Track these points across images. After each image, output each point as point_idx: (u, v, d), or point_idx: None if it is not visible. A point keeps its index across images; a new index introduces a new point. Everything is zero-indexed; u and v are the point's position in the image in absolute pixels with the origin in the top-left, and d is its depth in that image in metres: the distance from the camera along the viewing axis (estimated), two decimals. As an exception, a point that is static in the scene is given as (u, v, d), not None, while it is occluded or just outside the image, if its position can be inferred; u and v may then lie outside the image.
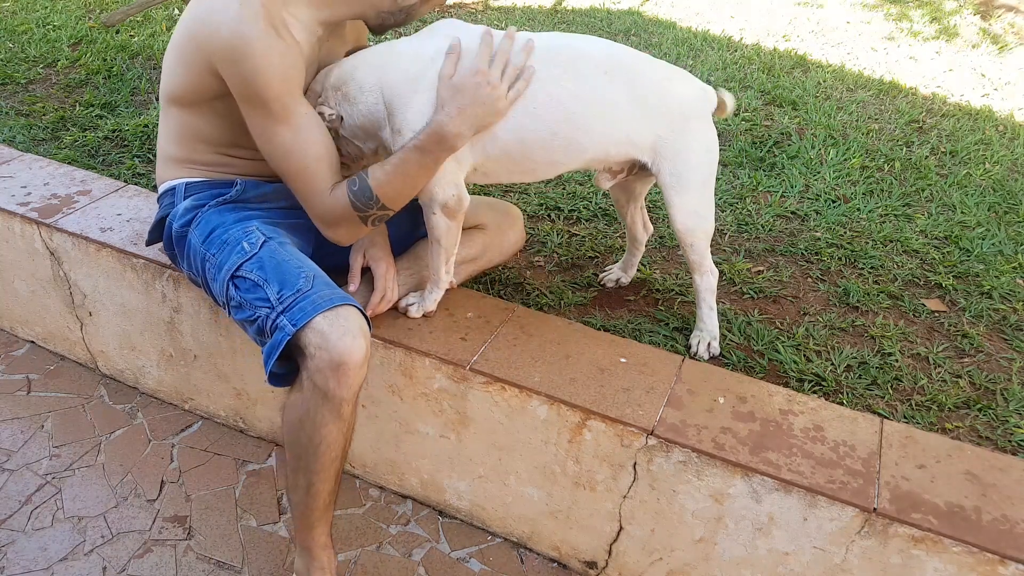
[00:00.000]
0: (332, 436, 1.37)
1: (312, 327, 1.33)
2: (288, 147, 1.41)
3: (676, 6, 4.70)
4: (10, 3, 3.92)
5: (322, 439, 1.36)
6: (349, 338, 1.32)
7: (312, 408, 1.35)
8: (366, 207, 1.45)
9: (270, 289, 1.41)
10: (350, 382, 1.33)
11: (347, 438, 1.41)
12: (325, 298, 1.36)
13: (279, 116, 1.39)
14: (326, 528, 1.48)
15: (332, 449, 1.38)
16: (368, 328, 1.38)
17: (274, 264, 1.44)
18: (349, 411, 1.37)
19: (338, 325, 1.33)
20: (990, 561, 1.25)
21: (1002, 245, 2.32)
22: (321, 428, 1.35)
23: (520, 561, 1.69)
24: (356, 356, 1.32)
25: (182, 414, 2.02)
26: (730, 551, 1.47)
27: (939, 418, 1.66)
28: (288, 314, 1.36)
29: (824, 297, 2.04)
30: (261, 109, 1.38)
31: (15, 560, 1.61)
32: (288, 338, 1.35)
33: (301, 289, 1.38)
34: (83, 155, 2.51)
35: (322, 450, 1.37)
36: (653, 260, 2.14)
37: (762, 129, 2.95)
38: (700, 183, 1.60)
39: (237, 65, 1.35)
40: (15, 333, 2.23)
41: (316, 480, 1.40)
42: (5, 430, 1.92)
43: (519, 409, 1.54)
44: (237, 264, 1.46)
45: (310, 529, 1.46)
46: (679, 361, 1.61)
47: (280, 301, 1.39)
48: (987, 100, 3.54)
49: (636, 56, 1.56)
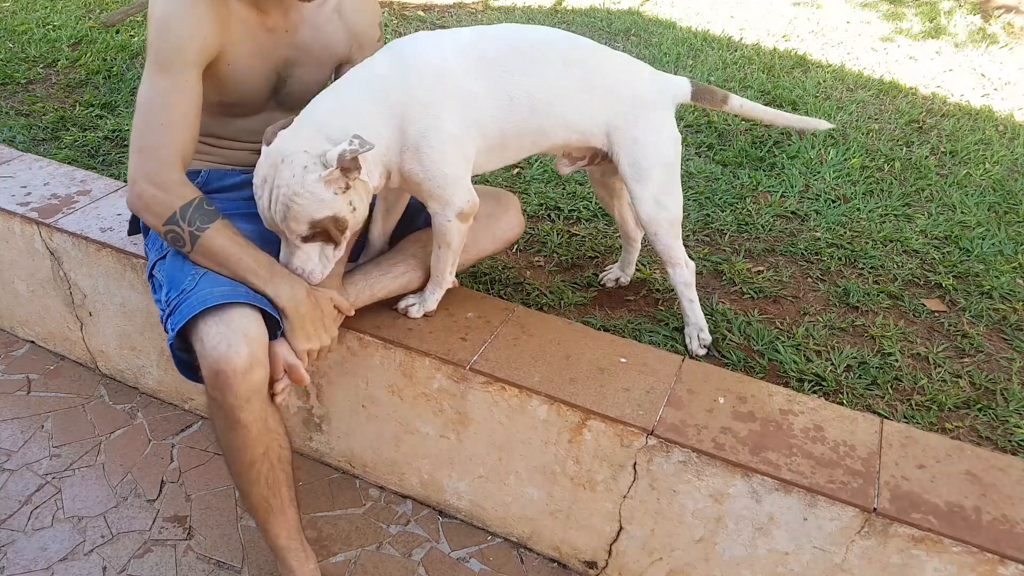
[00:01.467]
0: (237, 442, 1.33)
1: (196, 332, 1.30)
2: (160, 97, 1.36)
3: (676, 6, 4.70)
4: (10, 3, 3.91)
5: (228, 445, 1.35)
6: (224, 346, 1.26)
7: (212, 415, 1.34)
8: (189, 222, 1.35)
9: (162, 291, 1.41)
10: (235, 389, 1.27)
11: (262, 441, 1.35)
12: (204, 298, 1.31)
13: (163, 64, 1.36)
14: (281, 529, 1.46)
15: (244, 454, 1.35)
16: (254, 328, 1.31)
17: (176, 264, 1.41)
18: (251, 416, 1.31)
19: (215, 331, 1.28)
20: (990, 561, 1.25)
21: (1002, 245, 2.32)
22: (224, 435, 1.34)
23: (520, 561, 1.69)
24: (234, 363, 1.26)
25: (182, 414, 2.02)
26: (730, 551, 1.47)
27: (939, 418, 1.66)
28: (172, 317, 1.34)
29: (824, 297, 2.04)
30: (154, 54, 1.37)
31: (15, 560, 1.61)
32: (172, 343, 1.34)
33: (185, 289, 1.34)
34: (83, 155, 2.51)
35: (232, 457, 1.36)
36: (653, 260, 2.14)
37: (762, 129, 2.95)
38: (660, 172, 1.62)
39: (153, 12, 1.37)
40: (15, 333, 2.23)
41: (241, 483, 1.40)
42: (5, 430, 1.92)
43: (519, 409, 1.54)
44: (152, 263, 1.47)
45: (263, 530, 1.47)
46: (679, 361, 1.61)
47: (168, 303, 1.37)
48: (987, 100, 3.54)
49: (595, 48, 1.60)
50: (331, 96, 1.42)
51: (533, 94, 1.52)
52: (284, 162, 1.32)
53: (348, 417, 1.78)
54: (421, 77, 1.41)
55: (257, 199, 1.35)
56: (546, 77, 1.53)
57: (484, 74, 1.47)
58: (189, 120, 1.39)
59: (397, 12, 4.17)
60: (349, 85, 1.44)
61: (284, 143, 1.34)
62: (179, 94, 1.37)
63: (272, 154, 1.34)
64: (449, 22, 4.08)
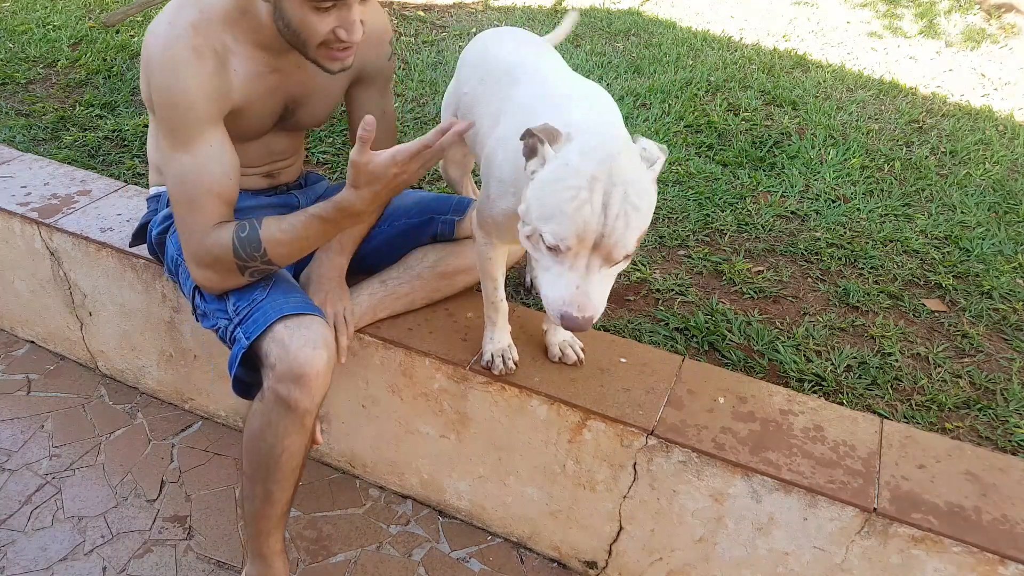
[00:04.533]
0: (295, 446, 1.35)
1: (272, 336, 1.31)
2: (183, 174, 1.33)
3: (676, 6, 4.70)
4: (10, 3, 3.91)
5: (284, 449, 1.35)
6: (309, 348, 1.30)
7: (275, 418, 1.33)
8: (249, 257, 1.35)
9: (229, 300, 1.41)
10: (312, 392, 1.31)
11: (308, 448, 1.39)
12: (281, 306, 1.33)
13: (181, 141, 1.32)
14: (280, 536, 1.47)
15: (293, 459, 1.37)
16: (331, 338, 1.36)
17: None
18: (311, 422, 1.36)
19: (299, 335, 1.31)
20: (990, 561, 1.25)
21: (1002, 245, 2.32)
22: (284, 439, 1.34)
23: (520, 561, 1.69)
24: (317, 366, 1.30)
25: (182, 414, 2.02)
26: (730, 551, 1.47)
27: (939, 418, 1.66)
28: (243, 326, 1.35)
29: (824, 297, 2.04)
30: (168, 129, 1.32)
31: (15, 560, 1.61)
32: (243, 350, 1.34)
33: (256, 299, 1.36)
34: (83, 155, 2.51)
35: (284, 460, 1.36)
36: (653, 260, 2.14)
37: (762, 129, 2.94)
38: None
39: (155, 81, 1.31)
40: (15, 333, 2.23)
41: (276, 489, 1.40)
42: (5, 430, 1.92)
43: (519, 409, 1.54)
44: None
45: (267, 536, 1.45)
46: (679, 361, 1.61)
47: (236, 312, 1.38)
48: (987, 100, 3.54)
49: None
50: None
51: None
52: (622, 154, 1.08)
53: (348, 417, 1.78)
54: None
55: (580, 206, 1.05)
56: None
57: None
58: (214, 180, 1.34)
59: (397, 12, 4.17)
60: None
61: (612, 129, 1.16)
62: (199, 164, 1.33)
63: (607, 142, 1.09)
64: (449, 22, 4.08)
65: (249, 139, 1.51)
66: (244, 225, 1.35)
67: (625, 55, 3.67)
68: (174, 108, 1.30)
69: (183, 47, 1.29)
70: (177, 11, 1.32)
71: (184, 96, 1.29)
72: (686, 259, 2.17)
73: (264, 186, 1.64)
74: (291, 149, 1.67)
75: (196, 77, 1.30)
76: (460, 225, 1.67)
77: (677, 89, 3.24)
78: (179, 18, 1.31)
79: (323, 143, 2.70)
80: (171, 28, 1.30)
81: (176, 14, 1.32)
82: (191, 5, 1.33)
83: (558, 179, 1.08)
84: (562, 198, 1.06)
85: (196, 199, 1.33)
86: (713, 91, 3.30)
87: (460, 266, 1.67)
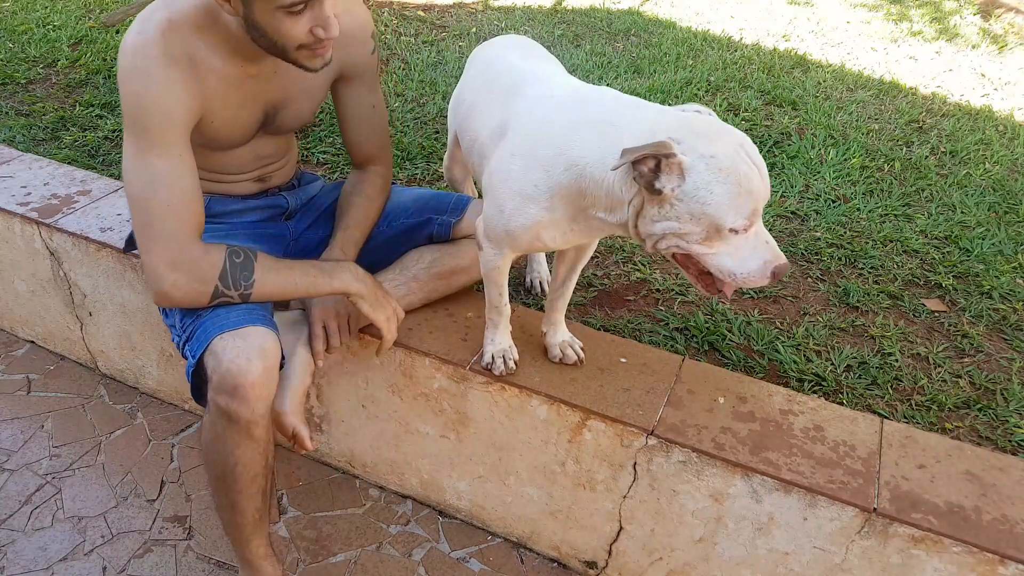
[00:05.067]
0: (247, 457, 1.34)
1: (210, 350, 1.31)
2: (159, 179, 1.29)
3: (676, 6, 4.70)
4: (10, 3, 3.92)
5: (237, 460, 1.34)
6: (242, 359, 1.28)
7: (220, 431, 1.33)
8: (233, 285, 1.33)
9: (176, 316, 1.41)
10: (250, 403, 1.29)
11: (266, 455, 1.37)
12: (222, 322, 1.32)
13: (154, 145, 1.28)
14: (263, 539, 1.46)
15: (249, 469, 1.36)
16: (270, 346, 1.33)
17: None
18: (261, 431, 1.33)
19: (232, 346, 1.29)
20: (990, 561, 1.25)
21: (1002, 245, 2.32)
22: (235, 450, 1.33)
23: (520, 561, 1.69)
24: (251, 376, 1.28)
25: (182, 414, 2.02)
26: (730, 551, 1.47)
27: (939, 418, 1.66)
28: (190, 343, 1.36)
29: (824, 297, 2.04)
30: (139, 135, 1.29)
31: (15, 560, 1.61)
32: (192, 368, 1.34)
33: (200, 315, 1.36)
34: (83, 155, 2.51)
35: (239, 471, 1.36)
36: (653, 260, 2.14)
37: (762, 129, 2.94)
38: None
39: (124, 87, 1.29)
40: (15, 333, 2.23)
41: (239, 499, 1.39)
42: (5, 430, 1.92)
43: (519, 409, 1.54)
44: None
45: (246, 543, 1.45)
46: (679, 361, 1.61)
47: (183, 329, 1.38)
48: (987, 100, 3.54)
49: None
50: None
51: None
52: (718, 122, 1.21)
53: (348, 417, 1.78)
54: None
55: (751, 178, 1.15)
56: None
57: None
58: (194, 191, 1.33)
59: (397, 12, 4.17)
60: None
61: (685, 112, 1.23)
62: (180, 168, 1.30)
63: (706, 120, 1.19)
64: (449, 22, 4.08)
65: (235, 146, 1.50)
66: (239, 252, 1.34)
67: (625, 55, 3.67)
68: (145, 113, 1.28)
69: (153, 53, 1.27)
70: (148, 17, 1.31)
71: (155, 102, 1.28)
72: (686, 259, 2.16)
73: (256, 190, 1.64)
74: (281, 151, 1.65)
75: (167, 83, 1.28)
76: (457, 226, 1.66)
77: (677, 89, 3.24)
78: (149, 24, 1.29)
79: (323, 143, 2.70)
80: (140, 35, 1.28)
81: (147, 20, 1.30)
82: (161, 10, 1.31)
83: (718, 171, 1.12)
84: (737, 182, 1.13)
85: (173, 204, 1.29)
86: (713, 91, 3.30)
87: (457, 266, 1.66)
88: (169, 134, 1.29)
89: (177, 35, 1.30)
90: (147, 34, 1.28)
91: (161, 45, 1.28)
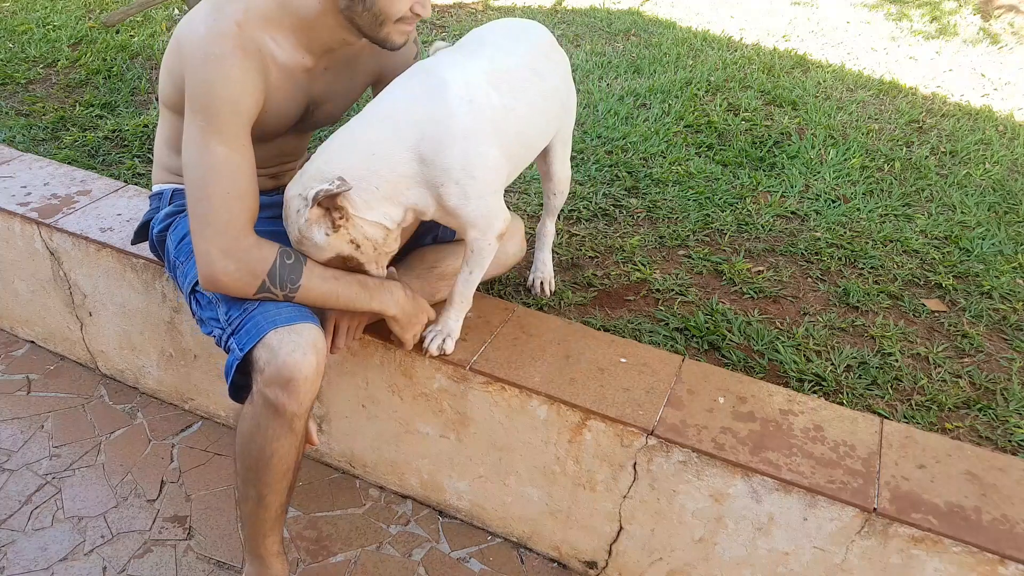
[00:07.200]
0: (284, 449, 1.36)
1: (263, 343, 1.32)
2: (220, 165, 1.31)
3: (676, 6, 4.70)
4: (10, 3, 3.92)
5: (274, 452, 1.36)
6: (299, 353, 1.30)
7: (264, 422, 1.34)
8: (280, 285, 1.35)
9: (220, 309, 1.41)
10: (300, 397, 1.31)
11: (299, 451, 1.40)
12: (274, 317, 1.34)
13: (221, 130, 1.31)
14: (278, 537, 1.47)
15: (284, 462, 1.37)
16: (321, 342, 1.36)
17: None
18: (301, 425, 1.36)
19: (288, 340, 1.31)
20: (990, 561, 1.25)
21: (1002, 245, 2.32)
22: (273, 442, 1.35)
23: (520, 561, 1.69)
24: (305, 370, 1.30)
25: (182, 414, 2.02)
26: (730, 551, 1.47)
27: (939, 418, 1.66)
28: (236, 336, 1.36)
29: (824, 297, 2.04)
30: (205, 119, 1.31)
31: (15, 560, 1.61)
32: (238, 361, 1.35)
33: (248, 307, 1.36)
34: (83, 155, 2.51)
35: (274, 463, 1.37)
36: (653, 260, 2.14)
37: (762, 129, 2.95)
38: (571, 136, 1.79)
39: (196, 74, 1.31)
40: (15, 333, 2.23)
41: (267, 492, 1.40)
42: (5, 430, 1.92)
43: (519, 409, 1.54)
44: (196, 279, 1.44)
45: (263, 538, 1.46)
46: (679, 361, 1.61)
47: (229, 322, 1.38)
48: (987, 100, 3.54)
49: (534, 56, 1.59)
50: (344, 136, 1.38)
51: (537, 104, 1.52)
52: (287, 206, 1.35)
53: (348, 417, 1.78)
54: (451, 107, 1.36)
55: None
56: (543, 87, 1.54)
57: (506, 89, 1.44)
58: (252, 183, 1.35)
59: (397, 12, 4.16)
60: (365, 124, 1.38)
61: (289, 187, 1.36)
62: (241, 159, 1.33)
63: (284, 199, 1.37)
64: (449, 22, 4.08)
65: (269, 139, 1.52)
66: (290, 253, 1.37)
67: (625, 55, 3.67)
68: (218, 101, 1.31)
69: (230, 43, 1.31)
70: (221, 7, 1.33)
71: (229, 92, 1.31)
72: (686, 259, 2.17)
73: (270, 187, 1.64)
74: (300, 151, 1.69)
75: (242, 75, 1.32)
76: None
77: (677, 89, 3.24)
78: (224, 14, 1.32)
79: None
80: (216, 24, 1.31)
81: (220, 10, 1.33)
82: (235, 2, 1.34)
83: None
84: None
85: (232, 193, 1.32)
86: (713, 91, 3.30)
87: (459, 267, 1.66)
88: (235, 124, 1.33)
89: (252, 27, 1.34)
90: (224, 23, 1.31)
91: (238, 37, 1.31)
